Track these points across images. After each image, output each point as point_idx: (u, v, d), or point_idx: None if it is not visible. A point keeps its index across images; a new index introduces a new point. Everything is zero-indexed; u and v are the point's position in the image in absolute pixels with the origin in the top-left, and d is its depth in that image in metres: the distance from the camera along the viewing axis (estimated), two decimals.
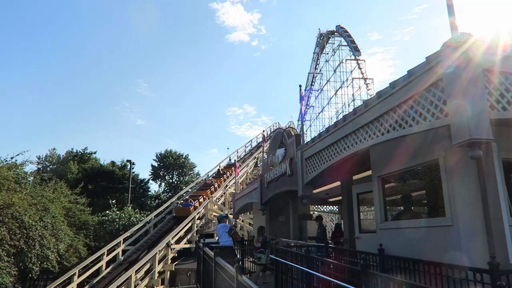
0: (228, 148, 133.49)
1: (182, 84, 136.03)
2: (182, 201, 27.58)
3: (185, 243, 22.49)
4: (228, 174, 34.84)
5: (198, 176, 50.04)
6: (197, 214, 24.62)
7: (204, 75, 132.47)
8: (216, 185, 31.78)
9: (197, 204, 26.64)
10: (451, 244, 5.15)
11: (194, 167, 56.41)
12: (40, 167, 44.29)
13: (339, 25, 45.44)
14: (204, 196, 28.45)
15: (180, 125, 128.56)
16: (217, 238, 12.07)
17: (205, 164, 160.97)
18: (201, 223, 25.25)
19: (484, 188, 4.86)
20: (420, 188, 6.65)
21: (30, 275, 18.19)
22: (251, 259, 12.17)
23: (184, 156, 54.76)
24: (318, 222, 12.07)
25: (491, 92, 4.60)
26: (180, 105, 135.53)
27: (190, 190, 33.97)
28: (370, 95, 36.07)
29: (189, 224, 23.29)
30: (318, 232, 11.59)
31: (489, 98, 4.56)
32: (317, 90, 51.47)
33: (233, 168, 28.17)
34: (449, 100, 4.59)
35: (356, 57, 40.95)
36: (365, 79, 41.42)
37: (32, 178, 22.73)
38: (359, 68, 41.63)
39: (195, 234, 23.16)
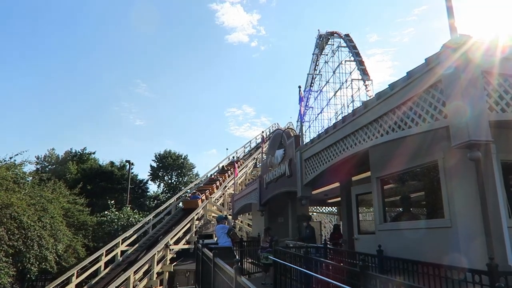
0: (227, 149, 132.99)
1: (181, 84, 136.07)
2: (190, 194, 29.39)
3: (184, 244, 22.48)
4: (232, 171, 35.34)
5: (197, 177, 50.02)
6: (196, 215, 24.65)
7: (203, 76, 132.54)
8: (221, 180, 33.60)
9: (204, 197, 28.27)
10: (450, 246, 5.15)
11: (193, 168, 56.38)
12: (39, 167, 44.19)
13: (347, 35, 45.06)
14: (210, 190, 30.43)
15: (179, 125, 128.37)
16: (216, 239, 12.06)
17: (204, 165, 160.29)
18: (200, 223, 25.29)
19: (483, 189, 4.86)
20: (419, 190, 6.66)
21: (28, 275, 18.17)
22: (250, 260, 12.17)
23: (183, 156, 54.67)
24: (306, 222, 12.05)
25: (490, 94, 4.61)
26: (179, 105, 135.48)
27: (188, 191, 34.04)
28: (369, 96, 36.05)
29: (188, 225, 23.30)
30: (307, 232, 11.57)
31: (488, 99, 4.57)
32: (316, 91, 51.42)
33: (235, 165, 28.82)
34: (448, 102, 4.60)
35: (365, 81, 40.58)
36: (364, 80, 41.39)
37: (31, 178, 22.62)
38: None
39: (194, 235, 23.16)
